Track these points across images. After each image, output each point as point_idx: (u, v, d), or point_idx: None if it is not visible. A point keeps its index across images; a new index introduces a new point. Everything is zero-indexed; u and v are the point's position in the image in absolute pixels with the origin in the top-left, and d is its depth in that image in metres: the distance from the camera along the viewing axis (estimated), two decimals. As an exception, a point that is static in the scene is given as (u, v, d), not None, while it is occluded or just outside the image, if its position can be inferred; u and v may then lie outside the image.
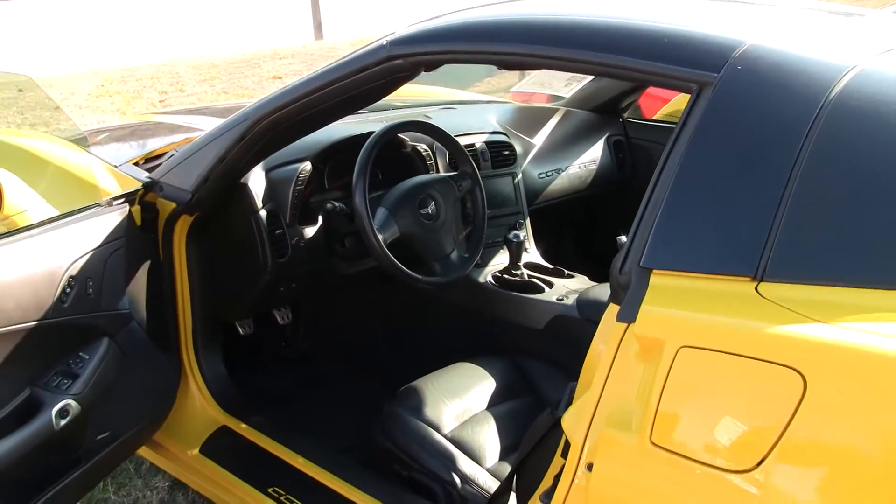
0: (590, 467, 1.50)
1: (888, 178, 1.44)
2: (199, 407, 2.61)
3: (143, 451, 2.68)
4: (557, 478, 1.61)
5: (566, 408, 1.72)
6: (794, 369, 1.27)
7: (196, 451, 2.54)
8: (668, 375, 1.39)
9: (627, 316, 1.50)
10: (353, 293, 3.18)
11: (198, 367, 2.60)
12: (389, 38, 2.07)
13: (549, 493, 1.63)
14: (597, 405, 1.52)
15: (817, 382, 1.26)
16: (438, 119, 3.11)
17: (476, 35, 1.97)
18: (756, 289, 1.40)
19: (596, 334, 1.65)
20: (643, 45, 1.71)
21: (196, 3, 17.19)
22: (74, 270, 2.07)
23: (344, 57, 2.15)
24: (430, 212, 2.62)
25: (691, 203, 1.54)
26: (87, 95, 9.14)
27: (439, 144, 2.91)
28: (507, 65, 2.06)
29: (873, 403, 1.23)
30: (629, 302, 1.51)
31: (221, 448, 2.53)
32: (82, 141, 2.65)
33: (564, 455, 1.60)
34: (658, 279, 1.50)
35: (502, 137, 3.18)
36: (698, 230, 1.52)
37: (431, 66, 2.11)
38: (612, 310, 1.58)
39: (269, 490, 2.36)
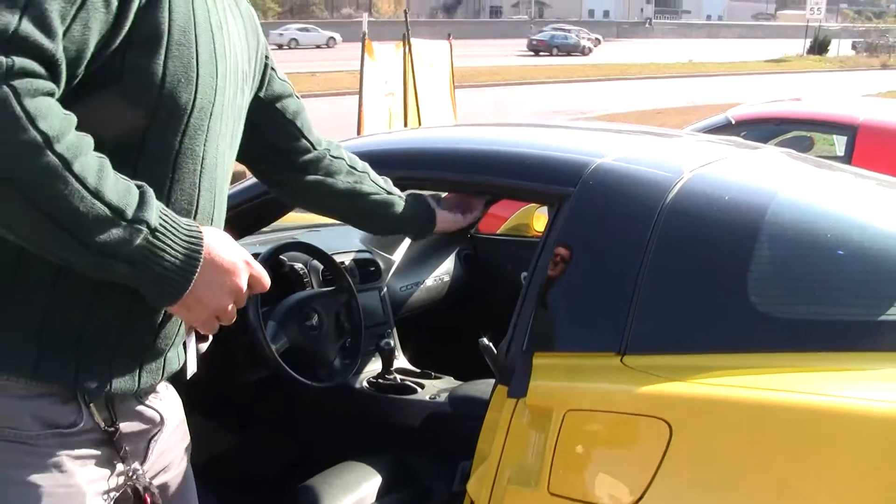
0: None
1: (717, 263, 1.81)
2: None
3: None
4: None
5: (461, 482, 1.99)
6: (661, 419, 1.59)
7: None
8: (558, 435, 1.69)
9: (518, 392, 1.79)
10: (237, 408, 3.35)
11: None
12: None
13: None
14: (497, 469, 1.79)
15: (680, 428, 1.58)
16: (308, 239, 3.37)
17: (371, 162, 2.27)
18: (621, 360, 1.73)
19: (487, 413, 1.92)
20: (512, 167, 2.06)
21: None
22: None
23: (241, 183, 2.40)
24: (314, 323, 2.87)
25: (562, 296, 1.86)
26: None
27: (313, 262, 3.17)
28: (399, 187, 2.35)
29: (727, 441, 1.56)
30: (518, 380, 1.80)
31: None
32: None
33: None
34: (540, 360, 1.80)
35: (367, 255, 3.47)
36: (569, 318, 1.84)
37: None
38: (501, 390, 1.87)
39: None
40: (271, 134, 1.90)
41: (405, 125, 10.34)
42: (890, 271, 1.86)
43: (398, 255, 3.71)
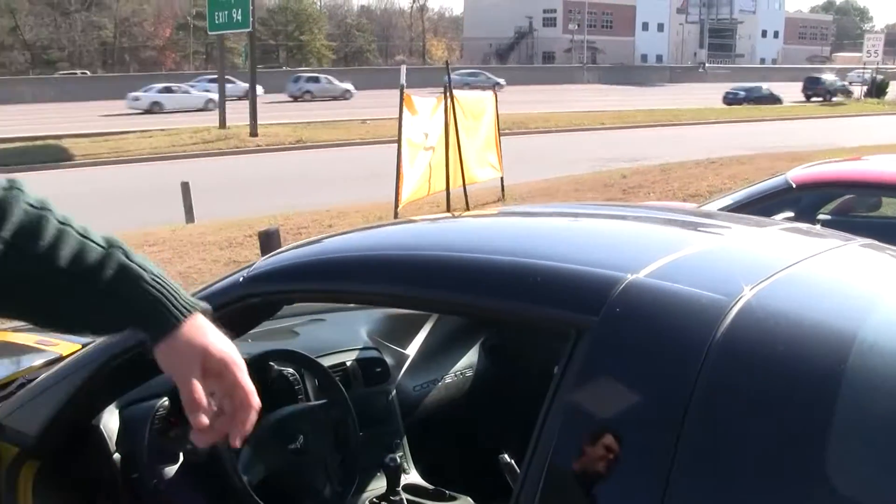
0: None
1: (787, 423, 1.35)
2: None
3: None
4: None
5: None
6: None
7: None
8: None
9: None
10: None
11: None
12: (245, 274, 1.95)
13: None
14: None
15: None
16: (307, 333, 2.97)
17: (337, 274, 1.86)
18: None
19: None
20: (512, 285, 1.61)
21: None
22: None
23: (203, 289, 2.02)
24: (298, 446, 2.44)
25: (575, 466, 1.42)
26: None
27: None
28: (369, 304, 1.95)
29: None
30: None
31: None
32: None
33: None
34: None
35: (374, 353, 3.03)
36: (586, 496, 1.40)
37: (290, 303, 2.01)
38: None
39: None
40: None
41: (447, 180, 9.99)
42: None
43: (413, 348, 3.26)
